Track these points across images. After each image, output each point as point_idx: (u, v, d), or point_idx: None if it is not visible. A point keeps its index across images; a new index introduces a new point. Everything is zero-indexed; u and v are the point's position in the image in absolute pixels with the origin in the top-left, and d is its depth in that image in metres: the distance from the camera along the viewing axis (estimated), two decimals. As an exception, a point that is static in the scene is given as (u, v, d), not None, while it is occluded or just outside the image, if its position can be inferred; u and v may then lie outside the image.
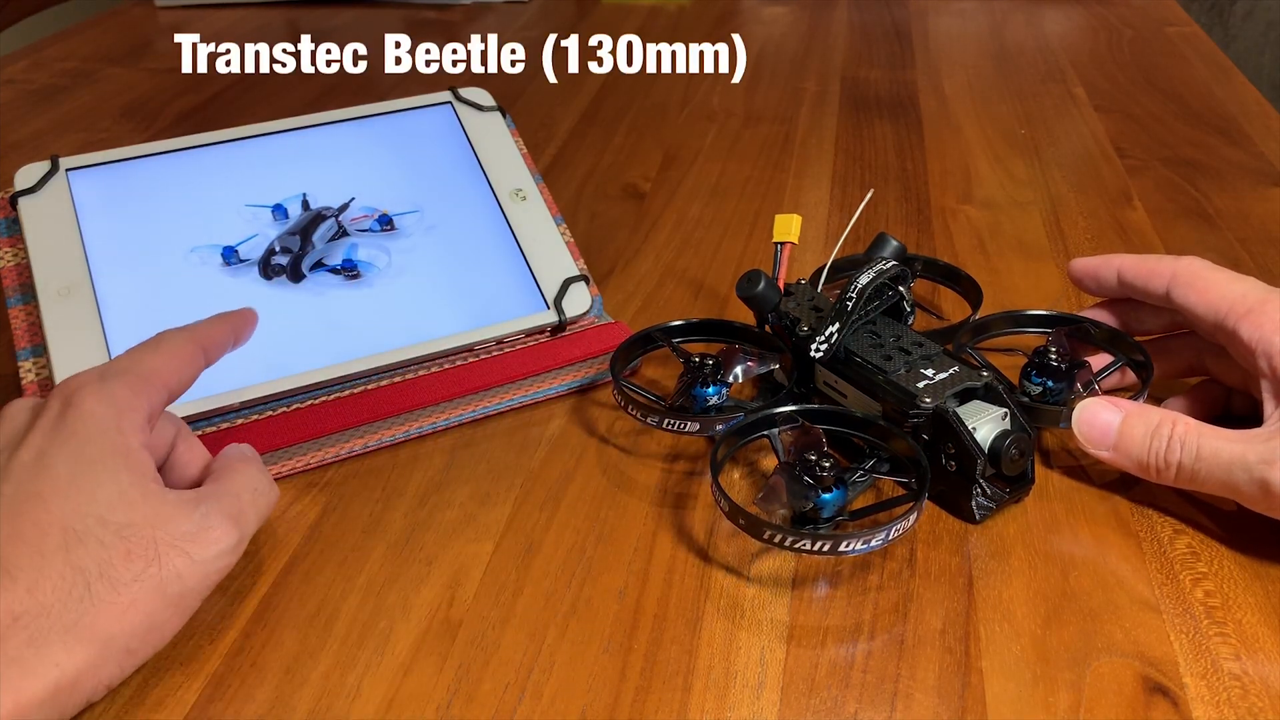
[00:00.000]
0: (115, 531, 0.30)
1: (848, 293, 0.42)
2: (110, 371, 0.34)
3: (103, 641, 0.29)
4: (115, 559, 0.30)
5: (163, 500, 0.32)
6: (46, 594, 0.28)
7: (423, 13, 1.03)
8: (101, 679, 0.30)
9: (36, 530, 0.29)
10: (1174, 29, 0.97)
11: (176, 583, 0.31)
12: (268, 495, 0.36)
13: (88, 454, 0.31)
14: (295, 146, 0.52)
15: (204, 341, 0.38)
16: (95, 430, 0.32)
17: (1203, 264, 0.41)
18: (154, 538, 0.31)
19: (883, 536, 0.35)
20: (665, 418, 0.41)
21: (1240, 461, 0.36)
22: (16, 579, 0.28)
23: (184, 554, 0.31)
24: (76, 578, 0.29)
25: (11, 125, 0.77)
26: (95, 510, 0.30)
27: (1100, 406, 0.39)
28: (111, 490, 0.31)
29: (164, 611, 0.31)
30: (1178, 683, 0.33)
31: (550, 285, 0.49)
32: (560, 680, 0.33)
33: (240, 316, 0.41)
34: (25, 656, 0.28)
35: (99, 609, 0.29)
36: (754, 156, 0.72)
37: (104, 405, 0.33)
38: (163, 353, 0.36)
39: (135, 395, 0.34)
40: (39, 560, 0.29)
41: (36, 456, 0.31)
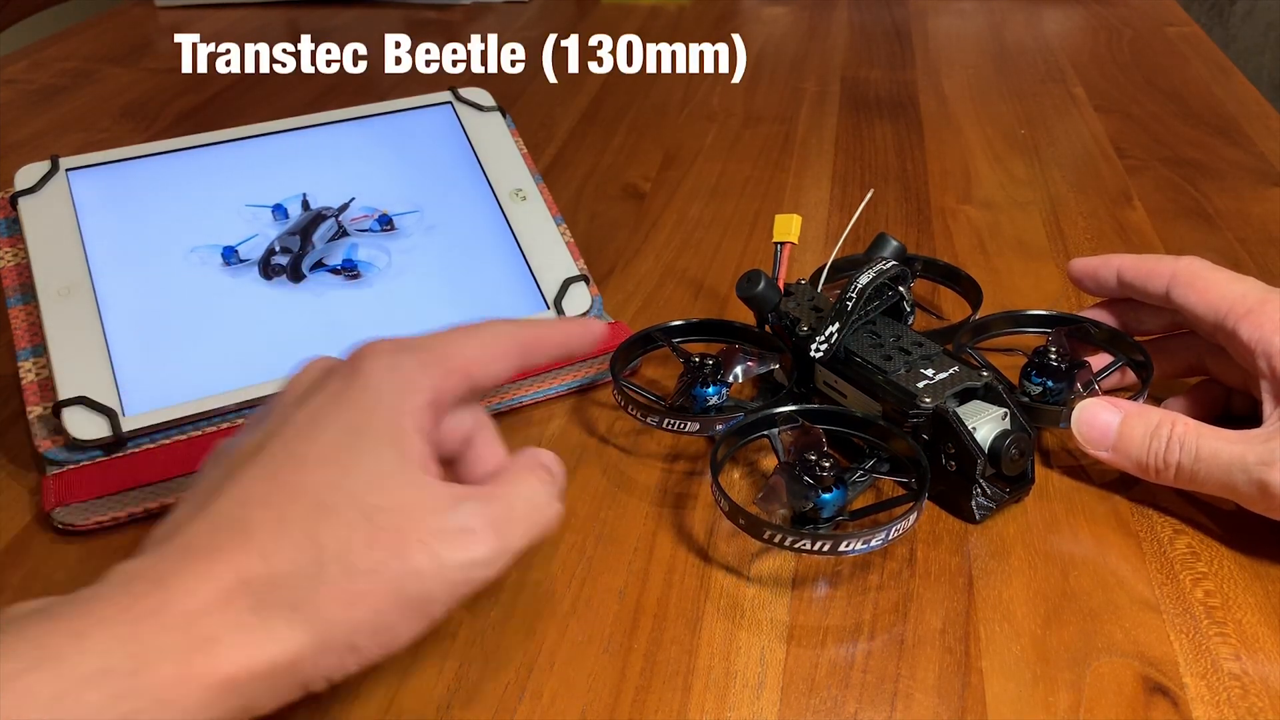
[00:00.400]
0: (364, 513, 0.27)
1: (848, 293, 0.42)
2: (408, 345, 0.32)
3: (326, 628, 0.26)
4: (357, 541, 0.27)
5: (422, 488, 0.29)
6: (279, 563, 0.26)
7: (423, 13, 1.03)
8: (320, 668, 0.27)
9: (287, 494, 0.27)
10: (1174, 29, 0.97)
11: (415, 582, 0.27)
12: (544, 511, 0.31)
13: (358, 425, 0.29)
14: (295, 146, 0.52)
15: (527, 340, 0.34)
16: (372, 402, 0.30)
17: (1202, 264, 0.41)
18: (403, 527, 0.28)
19: (883, 536, 0.35)
20: (665, 418, 0.41)
21: (1239, 463, 0.36)
22: (253, 540, 0.27)
23: (430, 552, 0.28)
24: (313, 553, 0.27)
25: (11, 125, 0.77)
26: (350, 486, 0.28)
27: (1099, 407, 0.39)
28: (372, 468, 0.28)
29: (395, 612, 0.27)
30: (1178, 683, 0.33)
31: (550, 285, 0.49)
32: (560, 680, 0.33)
33: (581, 325, 0.37)
34: (247, 623, 0.26)
35: (328, 592, 0.26)
36: (754, 156, 0.72)
37: (388, 378, 0.30)
38: (476, 340, 0.33)
39: (424, 374, 0.31)
40: (280, 526, 0.27)
41: (310, 419, 0.29)
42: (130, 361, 0.43)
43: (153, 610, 0.25)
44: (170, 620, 0.25)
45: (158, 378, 0.43)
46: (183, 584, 0.25)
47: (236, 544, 0.26)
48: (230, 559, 0.26)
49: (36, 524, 0.40)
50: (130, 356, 0.43)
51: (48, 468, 0.41)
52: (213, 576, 0.26)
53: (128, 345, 0.44)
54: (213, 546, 0.26)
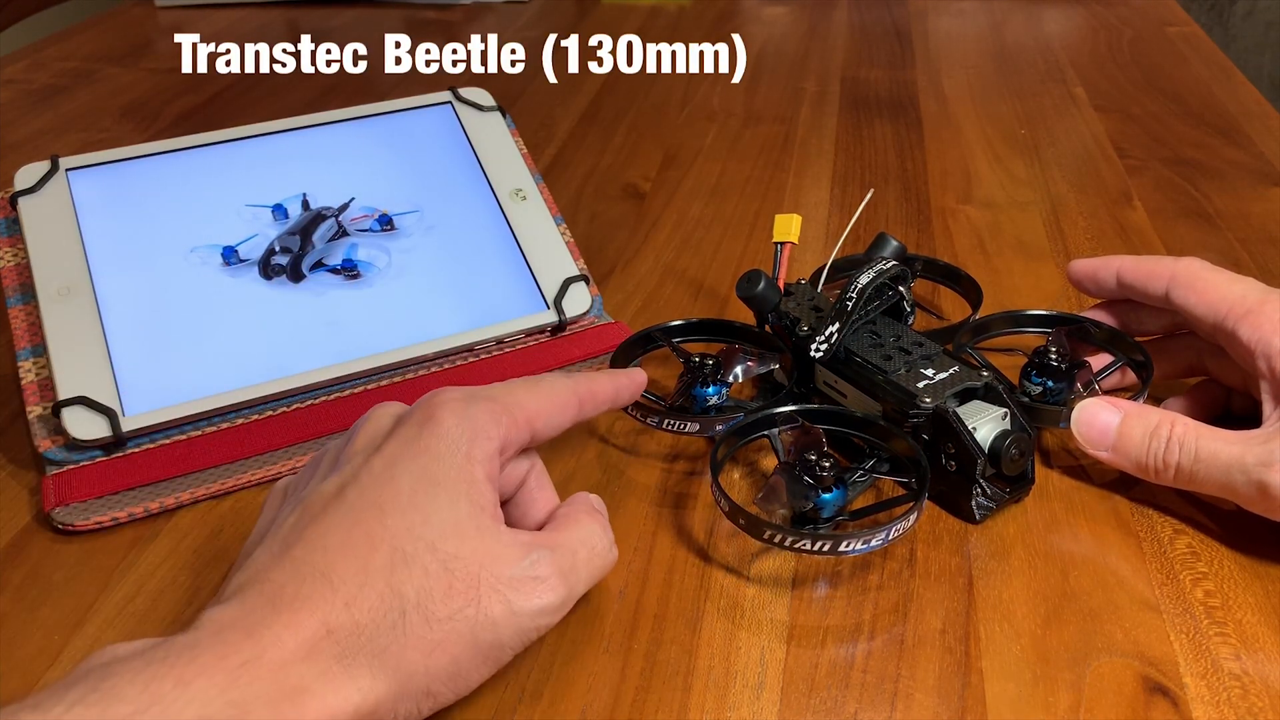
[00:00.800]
0: (442, 562, 0.29)
1: (848, 292, 0.42)
2: (478, 395, 0.33)
3: (405, 676, 0.28)
4: (436, 590, 0.28)
5: (496, 538, 0.30)
6: (363, 613, 0.28)
7: (423, 13, 1.03)
8: (398, 713, 0.28)
9: (368, 543, 0.29)
10: (1174, 29, 0.97)
11: (490, 631, 0.29)
12: (605, 557, 0.33)
13: (433, 473, 0.30)
14: (295, 146, 0.52)
15: (583, 393, 0.36)
16: (446, 450, 0.31)
17: (1202, 265, 0.41)
18: (478, 576, 0.29)
19: (883, 536, 0.35)
20: (665, 418, 0.41)
21: (1238, 463, 0.36)
22: (337, 590, 0.28)
23: (504, 601, 0.29)
24: (394, 602, 0.28)
25: (11, 125, 0.77)
26: (428, 535, 0.29)
27: (1099, 407, 0.39)
28: (448, 517, 0.30)
29: (471, 659, 0.29)
30: (1178, 683, 0.33)
31: (550, 285, 0.49)
32: (560, 680, 0.33)
33: (628, 376, 0.39)
34: (333, 673, 0.27)
35: (409, 641, 0.28)
36: (754, 156, 0.72)
37: (461, 426, 0.31)
38: (538, 393, 0.35)
39: (494, 424, 0.32)
40: (363, 576, 0.28)
41: (386, 465, 0.30)
42: (130, 361, 0.43)
43: (246, 661, 0.26)
44: (263, 671, 0.26)
45: (157, 378, 0.43)
46: (273, 634, 0.27)
47: (321, 594, 0.28)
48: (315, 609, 0.27)
49: (36, 524, 0.40)
50: (130, 356, 0.43)
51: (47, 468, 0.41)
52: (300, 626, 0.27)
53: (128, 345, 0.44)
54: (299, 596, 0.27)
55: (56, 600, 0.36)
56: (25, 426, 0.42)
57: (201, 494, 0.41)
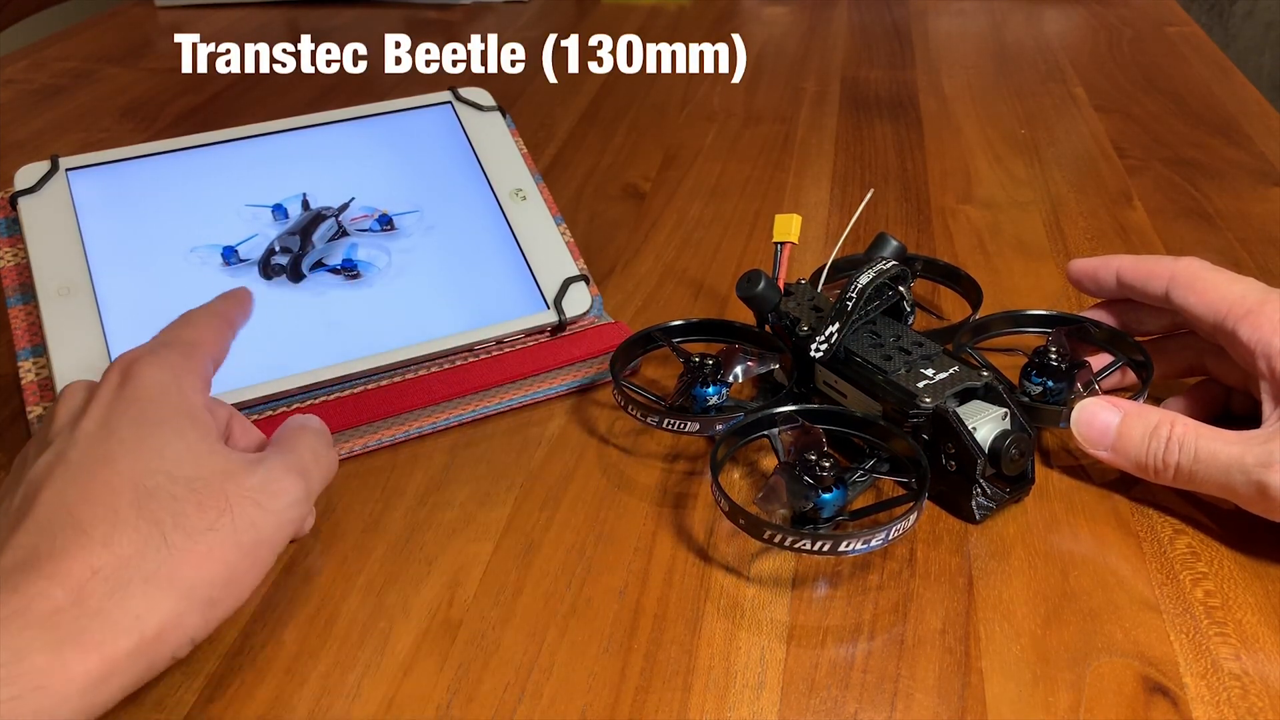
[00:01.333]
0: (185, 485, 0.30)
1: (848, 292, 0.42)
2: (160, 342, 0.35)
3: (184, 590, 0.29)
4: (188, 510, 0.30)
5: (228, 457, 0.32)
6: (123, 546, 0.28)
7: (423, 13, 1.03)
8: (185, 631, 0.29)
9: (107, 489, 0.29)
10: (1174, 29, 0.97)
11: (251, 531, 0.31)
12: (328, 458, 0.36)
13: (151, 415, 0.32)
14: (295, 146, 0.52)
15: (224, 314, 0.39)
16: (157, 393, 0.32)
17: (1201, 265, 0.41)
18: (224, 489, 0.31)
19: (883, 536, 0.35)
20: (665, 418, 0.41)
21: (1238, 464, 0.36)
22: (91, 535, 0.28)
23: (255, 503, 0.31)
24: (152, 529, 0.29)
25: (11, 125, 0.77)
26: (164, 466, 0.30)
27: (1099, 406, 0.39)
28: (179, 447, 0.31)
29: (242, 561, 0.30)
30: (1178, 683, 0.33)
31: (550, 285, 0.49)
32: (560, 680, 0.33)
33: (239, 292, 0.42)
34: (107, 609, 0.27)
35: (177, 557, 0.29)
36: (754, 156, 0.72)
37: (163, 370, 0.33)
38: (198, 326, 0.37)
39: (189, 359, 0.34)
40: (112, 515, 0.29)
41: (100, 424, 0.31)
42: (130, 361, 0.43)
43: (16, 612, 0.26)
44: (35, 620, 0.26)
45: (158, 378, 0.43)
46: (37, 588, 0.27)
47: (76, 541, 0.28)
48: (75, 555, 0.28)
49: (36, 524, 0.40)
50: (130, 356, 0.43)
51: (48, 468, 0.41)
52: (64, 575, 0.27)
53: (128, 345, 0.43)
54: (54, 550, 0.28)
55: (56, 600, 0.36)
56: (25, 426, 0.42)
57: (201, 494, 0.41)
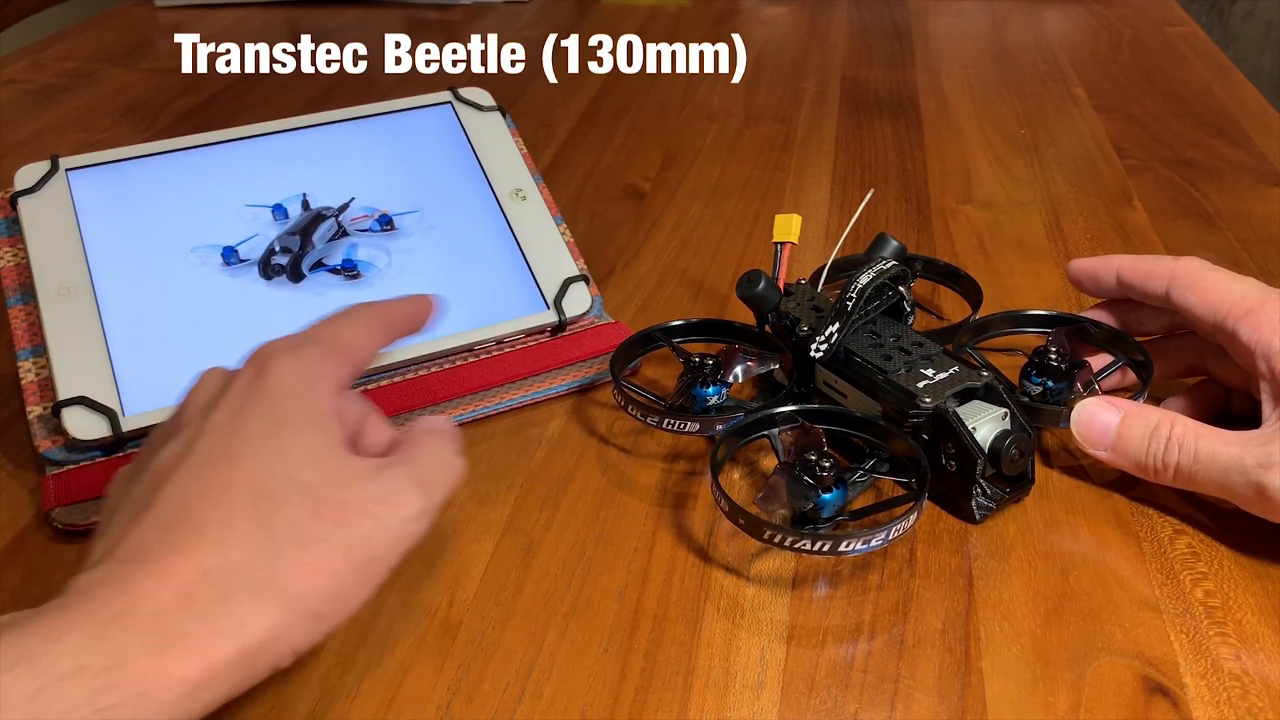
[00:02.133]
0: (303, 491, 0.29)
1: (848, 292, 0.42)
2: (303, 339, 0.34)
3: (290, 601, 0.28)
4: (303, 518, 0.29)
5: (350, 464, 0.31)
6: (234, 551, 0.28)
7: (423, 13, 1.03)
8: (289, 642, 0.28)
9: (226, 489, 0.29)
10: (1174, 29, 0.97)
11: (364, 546, 0.30)
12: (454, 467, 0.34)
13: (279, 415, 0.31)
14: (295, 146, 0.52)
15: (389, 320, 0.38)
16: (288, 393, 0.32)
17: (1201, 264, 0.41)
18: (341, 499, 0.30)
19: (883, 536, 0.35)
20: (665, 418, 0.41)
21: (1237, 465, 0.36)
22: (204, 535, 0.28)
23: (372, 517, 0.30)
24: (264, 535, 0.28)
25: (11, 125, 0.77)
26: (284, 469, 0.30)
27: (1099, 407, 0.39)
28: (301, 451, 0.30)
29: (351, 576, 0.29)
30: (1178, 683, 0.33)
31: (550, 285, 0.49)
32: (560, 680, 0.33)
33: (421, 301, 0.40)
34: (213, 614, 0.27)
35: (287, 568, 0.28)
36: (754, 156, 0.72)
37: (297, 370, 0.32)
38: (353, 325, 0.36)
39: (326, 362, 0.33)
40: (227, 516, 0.28)
41: (230, 416, 0.31)
42: (130, 361, 0.43)
43: (121, 613, 0.26)
44: (139, 621, 0.26)
45: (157, 378, 0.43)
46: (146, 587, 0.26)
47: (189, 541, 0.28)
48: (186, 556, 0.27)
49: (36, 524, 0.40)
50: (130, 356, 0.43)
51: (47, 468, 0.41)
52: (172, 575, 0.27)
53: (128, 345, 0.44)
54: (166, 547, 0.27)
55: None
56: (25, 426, 0.42)
57: (201, 494, 0.41)
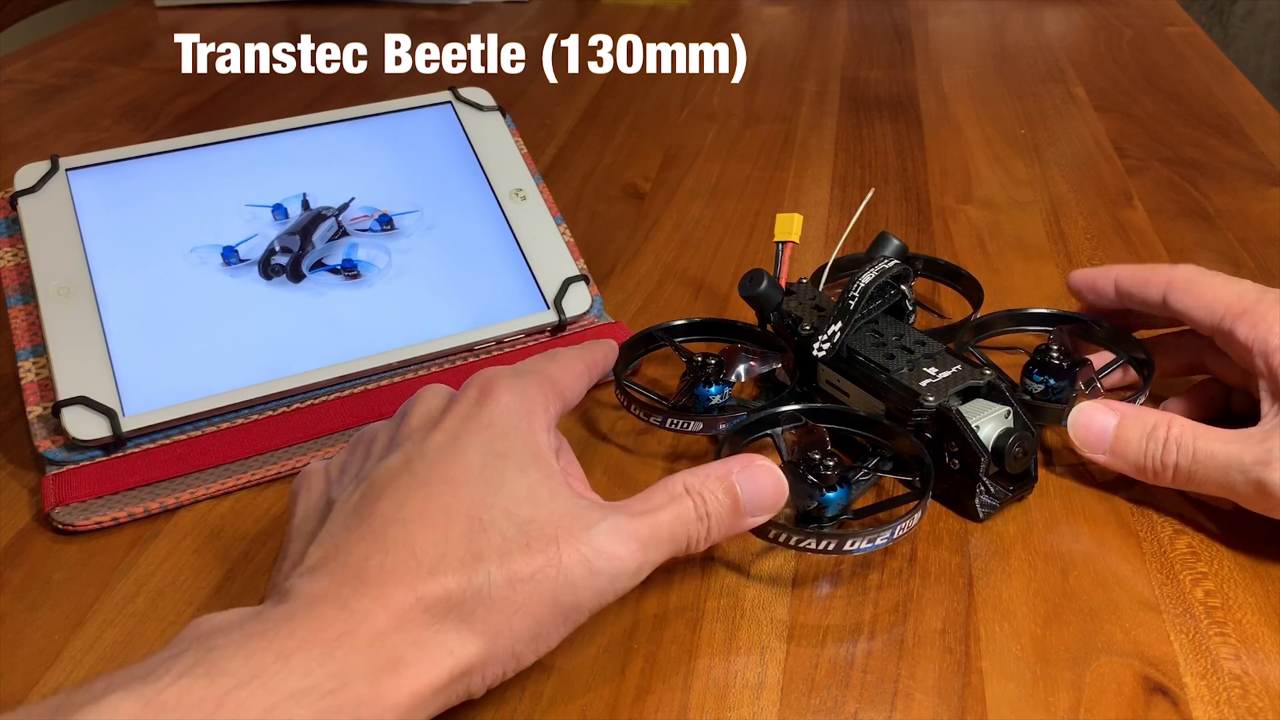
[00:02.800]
0: (519, 526, 0.29)
1: (850, 291, 0.42)
2: (522, 370, 0.35)
3: (492, 638, 0.28)
4: (515, 551, 0.29)
5: (570, 501, 0.31)
6: (449, 580, 0.28)
7: (423, 13, 1.03)
8: (487, 676, 0.29)
9: (444, 515, 0.29)
10: (1174, 29, 0.97)
11: (570, 592, 0.29)
12: (690, 530, 0.32)
13: (499, 447, 0.31)
14: (295, 146, 0.52)
15: (591, 363, 0.39)
16: (509, 425, 0.32)
17: (1198, 270, 0.41)
18: (556, 537, 0.29)
19: (887, 535, 0.35)
20: (669, 417, 0.41)
21: (1236, 462, 0.36)
22: (421, 561, 0.28)
23: (584, 561, 0.29)
24: (478, 567, 0.28)
25: (11, 125, 0.77)
26: (502, 503, 0.30)
27: (1095, 410, 0.39)
28: (520, 485, 0.30)
29: (552, 620, 0.29)
30: (1178, 683, 0.33)
31: (550, 285, 0.49)
32: (560, 680, 0.33)
33: (609, 344, 0.42)
34: (425, 639, 0.27)
35: (494, 604, 0.28)
36: (754, 156, 0.72)
37: (519, 401, 0.32)
38: (562, 364, 0.36)
39: (545, 396, 0.34)
40: (444, 544, 0.29)
41: (451, 440, 0.31)
42: (130, 361, 0.43)
43: (343, 634, 0.26)
44: (359, 643, 0.26)
45: (158, 378, 0.43)
46: (364, 608, 0.27)
47: (406, 565, 0.28)
48: (403, 579, 0.28)
49: (36, 524, 0.40)
50: (130, 356, 0.43)
51: (48, 468, 0.41)
52: (390, 598, 0.27)
53: (128, 345, 0.44)
54: (384, 569, 0.28)
55: (56, 600, 0.36)
56: (25, 426, 0.42)
57: (201, 494, 0.41)
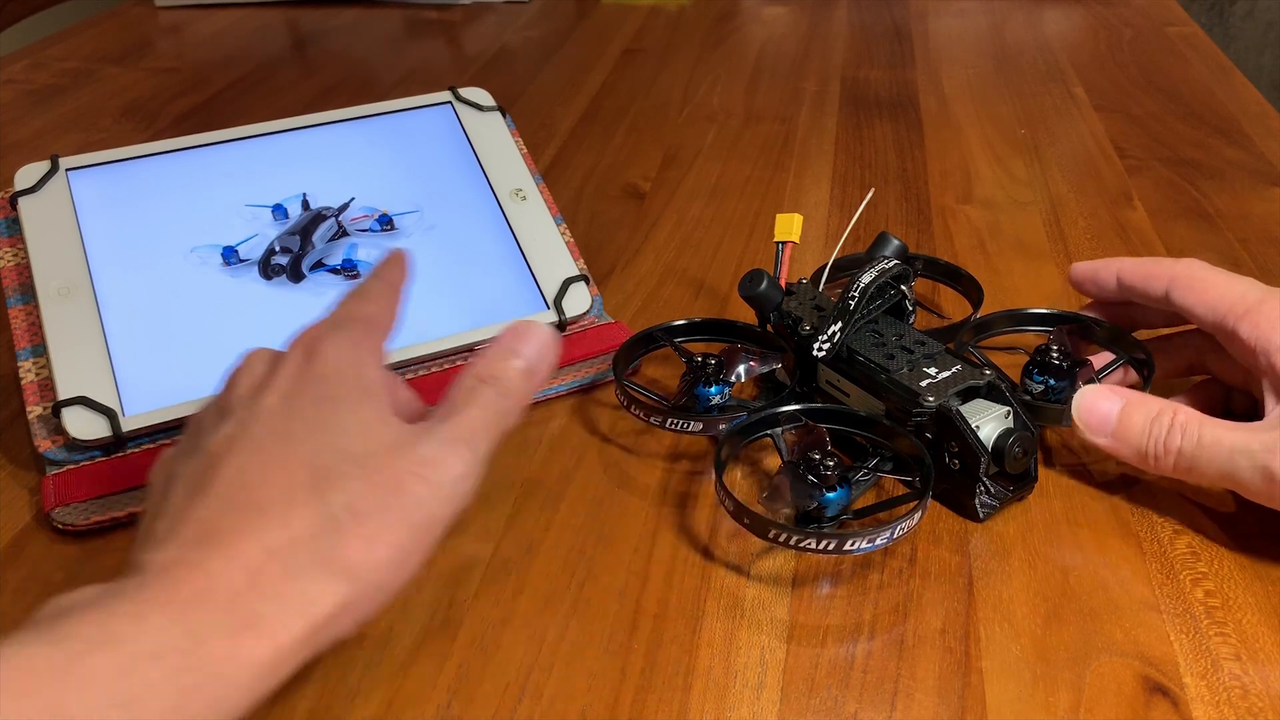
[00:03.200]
0: (357, 463, 0.30)
1: (850, 291, 0.42)
2: (342, 318, 0.35)
3: (354, 574, 0.29)
4: (360, 489, 0.30)
5: (398, 430, 0.32)
6: (298, 527, 0.29)
7: (423, 13, 1.03)
8: (353, 615, 0.29)
9: (285, 469, 0.30)
10: (1174, 29, 0.97)
11: (419, 510, 0.30)
12: (496, 413, 0.34)
13: (332, 394, 0.32)
14: (295, 146, 0.52)
15: (393, 283, 0.38)
16: (337, 372, 0.32)
17: (1201, 265, 0.41)
18: (394, 465, 0.30)
19: (888, 535, 0.35)
20: (669, 417, 0.41)
21: (1244, 449, 0.35)
22: (267, 514, 0.29)
23: (421, 478, 0.31)
24: (324, 511, 0.29)
25: (11, 125, 0.77)
26: (339, 444, 0.30)
27: (1100, 393, 0.39)
28: (352, 423, 0.31)
29: (410, 543, 0.30)
30: (1178, 683, 0.33)
31: (550, 285, 0.49)
32: (560, 680, 0.33)
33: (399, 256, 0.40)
34: (282, 592, 0.28)
35: (348, 541, 0.29)
36: (754, 156, 0.72)
37: (346, 348, 0.33)
38: (371, 299, 0.37)
39: (369, 337, 0.34)
40: (289, 495, 0.29)
41: (284, 399, 0.32)
42: (130, 361, 0.43)
43: (198, 593, 0.27)
44: (217, 603, 0.27)
45: (157, 378, 0.43)
46: (217, 567, 0.27)
47: (254, 521, 0.28)
48: (253, 535, 0.28)
49: (36, 524, 0.40)
50: (130, 356, 0.43)
51: (48, 468, 0.41)
52: (241, 555, 0.28)
53: (128, 345, 0.44)
54: (233, 528, 0.28)
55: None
56: (25, 426, 0.42)
57: (202, 494, 0.41)
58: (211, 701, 0.26)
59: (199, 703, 0.25)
